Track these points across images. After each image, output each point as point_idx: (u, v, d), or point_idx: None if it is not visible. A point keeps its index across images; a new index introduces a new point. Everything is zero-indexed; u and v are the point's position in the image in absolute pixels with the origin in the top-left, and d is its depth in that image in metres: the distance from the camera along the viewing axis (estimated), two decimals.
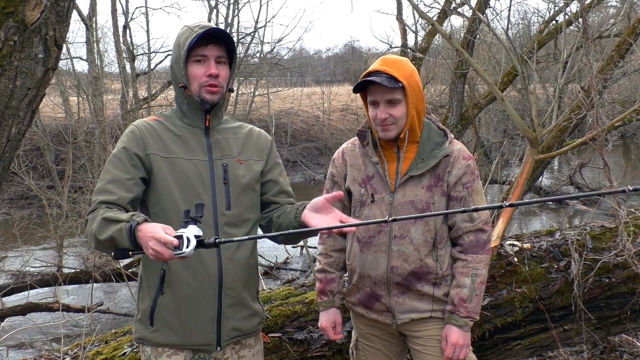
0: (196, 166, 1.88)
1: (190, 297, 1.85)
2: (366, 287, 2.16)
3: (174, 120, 1.94)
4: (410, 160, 2.09)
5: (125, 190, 1.80)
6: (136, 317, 1.95)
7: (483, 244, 2.08)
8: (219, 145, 1.94)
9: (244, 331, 1.95)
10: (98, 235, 1.68)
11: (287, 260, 9.50)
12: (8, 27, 1.82)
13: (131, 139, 1.87)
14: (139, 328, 1.92)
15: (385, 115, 2.01)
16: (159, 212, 1.86)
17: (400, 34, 8.12)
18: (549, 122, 3.91)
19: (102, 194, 1.79)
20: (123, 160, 1.83)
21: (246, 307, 1.95)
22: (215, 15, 17.90)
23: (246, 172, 1.95)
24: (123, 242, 1.63)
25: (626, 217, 3.12)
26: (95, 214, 1.74)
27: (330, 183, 2.26)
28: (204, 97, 1.87)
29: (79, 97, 12.50)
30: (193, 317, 1.86)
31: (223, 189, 1.90)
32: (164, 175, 1.85)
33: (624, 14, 6.28)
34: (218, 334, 1.89)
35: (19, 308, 6.83)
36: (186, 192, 1.85)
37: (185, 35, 1.86)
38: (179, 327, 1.86)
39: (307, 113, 21.81)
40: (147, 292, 1.90)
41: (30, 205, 13.00)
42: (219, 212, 1.88)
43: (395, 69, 1.98)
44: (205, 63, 1.86)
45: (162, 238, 1.55)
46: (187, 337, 1.87)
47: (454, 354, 2.05)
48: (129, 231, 1.61)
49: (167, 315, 1.86)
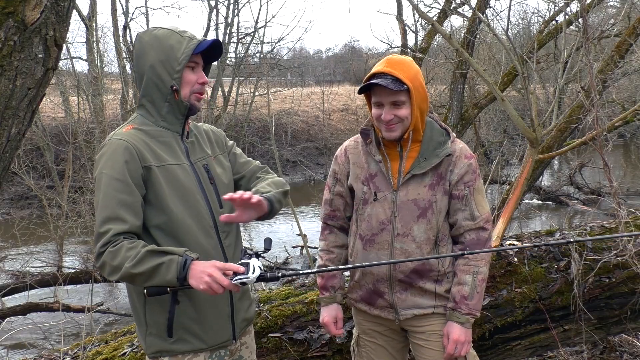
0: (184, 170, 1.87)
1: (208, 300, 1.85)
2: (369, 284, 2.17)
3: (149, 126, 1.88)
4: (413, 159, 2.10)
5: (135, 215, 1.73)
6: (146, 332, 1.87)
7: (484, 242, 2.11)
8: (194, 147, 1.94)
9: (249, 320, 2.05)
10: (134, 268, 1.63)
11: (287, 260, 9.50)
12: (8, 27, 1.82)
13: (128, 156, 1.76)
14: (154, 342, 1.86)
15: (390, 117, 2.01)
16: (162, 225, 1.80)
17: (400, 34, 8.13)
18: (549, 122, 3.91)
19: (113, 223, 1.69)
20: (127, 182, 1.74)
21: (248, 297, 2.04)
22: (215, 15, 17.94)
23: (221, 168, 2.00)
24: (168, 274, 1.63)
25: (626, 217, 3.12)
26: (118, 247, 1.66)
27: (333, 180, 2.26)
28: (193, 103, 1.89)
29: (79, 97, 12.50)
30: (212, 319, 1.88)
31: (212, 189, 1.91)
32: (164, 186, 1.80)
33: (624, 14, 6.28)
34: (233, 328, 1.95)
35: (19, 308, 6.84)
36: (185, 197, 1.83)
37: (175, 39, 1.83)
38: (201, 332, 1.86)
39: (307, 113, 21.82)
40: (158, 305, 1.83)
41: (30, 205, 13.01)
42: (215, 212, 1.89)
43: (400, 71, 1.98)
44: (196, 70, 1.88)
45: (225, 265, 1.65)
46: (210, 339, 1.88)
47: (455, 351, 2.08)
48: (182, 265, 1.63)
49: (187, 323, 1.84)
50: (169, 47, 1.82)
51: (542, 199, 12.73)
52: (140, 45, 1.86)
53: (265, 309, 2.86)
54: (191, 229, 1.82)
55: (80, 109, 12.58)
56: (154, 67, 1.83)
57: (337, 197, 2.25)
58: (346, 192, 2.23)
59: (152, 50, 1.83)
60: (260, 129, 19.05)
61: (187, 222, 1.81)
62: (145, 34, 1.88)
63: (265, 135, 18.57)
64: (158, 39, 1.84)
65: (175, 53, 1.82)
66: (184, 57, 1.82)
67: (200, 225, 1.85)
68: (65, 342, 4.23)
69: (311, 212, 13.61)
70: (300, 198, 14.70)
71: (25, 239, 9.14)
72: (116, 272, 1.66)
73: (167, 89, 1.84)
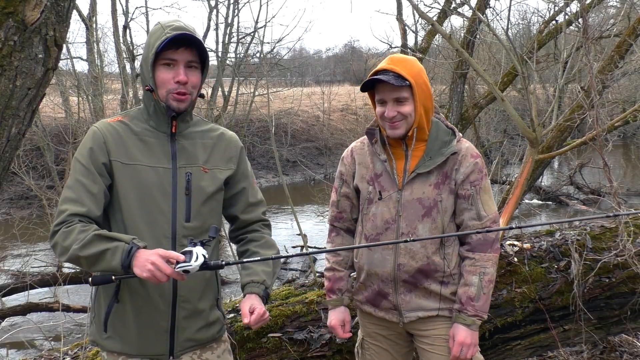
0: (158, 174, 1.79)
1: (143, 308, 1.80)
2: (373, 284, 2.16)
3: (140, 122, 1.84)
4: (418, 158, 2.09)
5: (94, 201, 1.72)
6: (92, 318, 1.88)
7: (491, 243, 2.07)
8: (185, 152, 1.85)
9: (199, 341, 1.90)
10: (81, 250, 1.63)
11: (287, 261, 9.50)
12: (8, 27, 1.82)
13: (95, 143, 1.76)
14: (93, 331, 1.87)
15: (393, 113, 2.01)
16: (119, 222, 1.78)
17: (400, 34, 8.14)
18: (549, 122, 3.91)
19: (71, 204, 1.70)
20: (90, 169, 1.74)
21: (202, 318, 1.89)
22: (215, 15, 17.93)
23: (210, 182, 1.87)
24: (112, 260, 1.61)
25: (626, 217, 3.11)
26: (71, 228, 1.67)
27: (339, 181, 2.26)
28: (170, 104, 1.77)
29: (79, 97, 12.50)
30: (146, 328, 1.82)
31: (184, 199, 1.81)
32: (124, 184, 1.77)
33: (624, 14, 6.29)
34: (171, 345, 1.85)
35: (19, 308, 6.84)
36: (146, 202, 1.77)
37: (155, 35, 1.75)
38: (132, 336, 1.81)
39: (307, 113, 21.82)
40: (103, 296, 1.83)
41: (30, 205, 13.00)
42: (178, 224, 1.80)
43: (402, 68, 1.99)
44: (174, 67, 1.76)
45: (167, 253, 1.59)
46: (140, 347, 1.82)
47: (461, 353, 2.05)
48: (127, 252, 1.60)
49: (120, 324, 1.81)
50: (149, 44, 1.78)
51: (542, 199, 12.74)
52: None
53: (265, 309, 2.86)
54: (141, 234, 1.74)
55: (80, 109, 12.58)
56: (141, 65, 1.84)
57: (343, 198, 2.24)
58: (352, 193, 2.22)
59: (144, 48, 1.84)
60: (260, 129, 19.06)
61: (138, 226, 1.76)
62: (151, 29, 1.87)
63: (265, 135, 18.58)
64: (148, 36, 1.82)
65: (149, 51, 1.76)
66: (151, 54, 1.74)
67: (153, 232, 1.77)
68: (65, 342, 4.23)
69: (311, 212, 13.60)
70: (300, 198, 14.70)
71: (25, 239, 9.14)
72: (65, 253, 1.66)
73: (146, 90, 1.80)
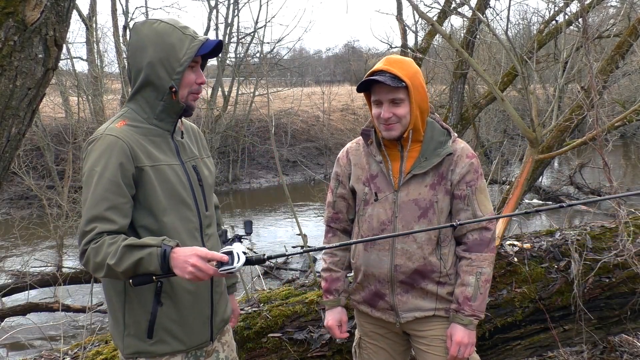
0: (174, 171, 1.83)
1: (190, 302, 1.85)
2: (370, 285, 2.17)
3: (140, 122, 1.82)
4: (414, 159, 2.09)
5: (124, 216, 1.71)
6: (124, 332, 1.83)
7: (487, 242, 2.09)
8: (183, 147, 1.90)
9: (226, 320, 2.04)
10: (117, 265, 1.61)
11: (287, 260, 9.51)
12: (8, 27, 1.82)
13: (123, 157, 1.71)
14: (132, 343, 1.83)
15: (389, 115, 2.01)
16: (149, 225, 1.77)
17: (400, 34, 8.14)
18: (549, 122, 3.91)
19: (100, 222, 1.67)
20: (118, 183, 1.69)
21: (224, 298, 2.03)
22: (215, 15, 17.94)
23: (208, 170, 1.97)
24: (150, 266, 1.61)
25: (626, 217, 3.11)
26: (100, 243, 1.64)
27: (335, 182, 2.26)
28: (190, 104, 1.85)
29: (79, 97, 12.52)
30: (193, 321, 1.87)
31: (200, 190, 1.89)
32: (153, 186, 1.76)
33: (624, 14, 6.28)
34: (211, 330, 1.94)
35: (19, 308, 6.83)
36: (174, 199, 1.80)
37: (176, 37, 1.76)
38: (181, 334, 1.85)
39: (307, 113, 21.81)
40: (139, 305, 1.80)
41: (30, 205, 13.01)
42: (202, 215, 1.88)
43: (398, 69, 1.99)
44: (195, 69, 1.83)
45: (208, 254, 1.60)
46: (189, 341, 1.87)
47: (458, 353, 2.06)
48: (162, 255, 1.61)
49: (169, 325, 1.83)
50: (169, 45, 1.75)
51: (542, 199, 12.73)
52: (138, 38, 1.78)
53: (265, 309, 2.86)
54: (177, 231, 1.79)
55: (80, 109, 12.60)
56: (152, 64, 1.75)
57: (339, 199, 2.24)
58: (348, 194, 2.22)
59: (151, 46, 1.75)
60: (260, 129, 19.06)
61: (174, 225, 1.79)
62: (144, 26, 1.79)
63: (265, 135, 18.60)
64: (159, 35, 1.76)
65: (177, 53, 1.75)
66: (186, 58, 1.76)
67: (186, 227, 1.82)
68: (65, 342, 4.23)
69: (311, 212, 13.61)
70: (300, 198, 14.70)
71: (25, 239, 9.14)
72: (100, 269, 1.65)
73: (165, 88, 1.77)
